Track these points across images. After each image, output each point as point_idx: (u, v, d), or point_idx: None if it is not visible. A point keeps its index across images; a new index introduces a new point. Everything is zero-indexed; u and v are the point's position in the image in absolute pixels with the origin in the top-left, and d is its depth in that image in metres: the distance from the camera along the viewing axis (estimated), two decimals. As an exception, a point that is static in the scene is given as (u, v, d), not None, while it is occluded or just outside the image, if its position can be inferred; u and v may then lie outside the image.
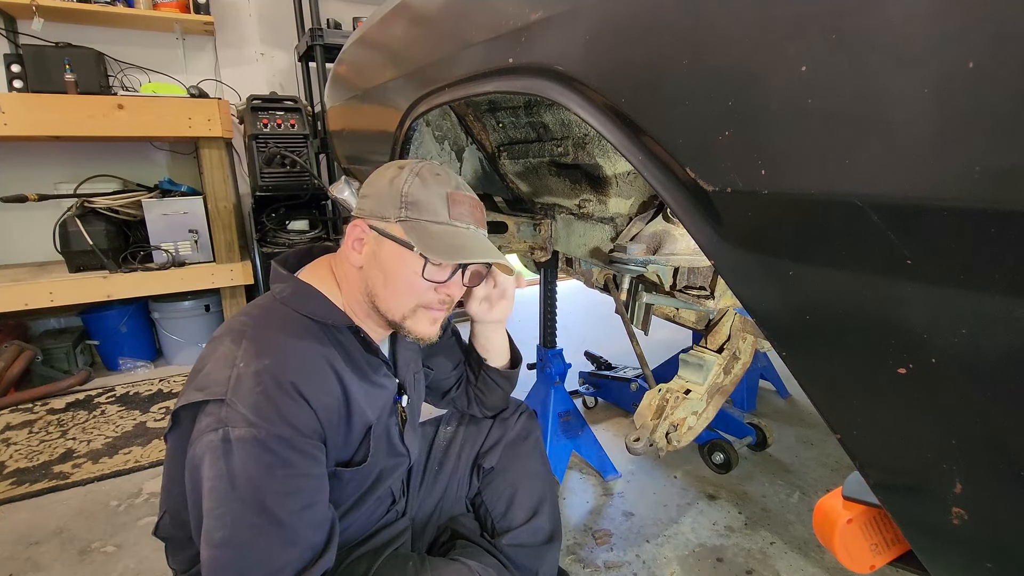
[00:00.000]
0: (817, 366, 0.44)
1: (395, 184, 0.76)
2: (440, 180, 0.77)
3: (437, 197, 0.76)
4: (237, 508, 0.62)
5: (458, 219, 0.76)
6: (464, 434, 1.09)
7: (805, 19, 0.36)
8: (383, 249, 0.76)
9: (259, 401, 0.65)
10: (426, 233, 0.74)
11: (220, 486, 0.63)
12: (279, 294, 0.78)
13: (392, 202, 0.75)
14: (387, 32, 1.07)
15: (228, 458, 0.63)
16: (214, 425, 0.64)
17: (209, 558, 0.62)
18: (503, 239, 1.35)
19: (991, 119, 0.29)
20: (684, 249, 0.80)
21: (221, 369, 0.68)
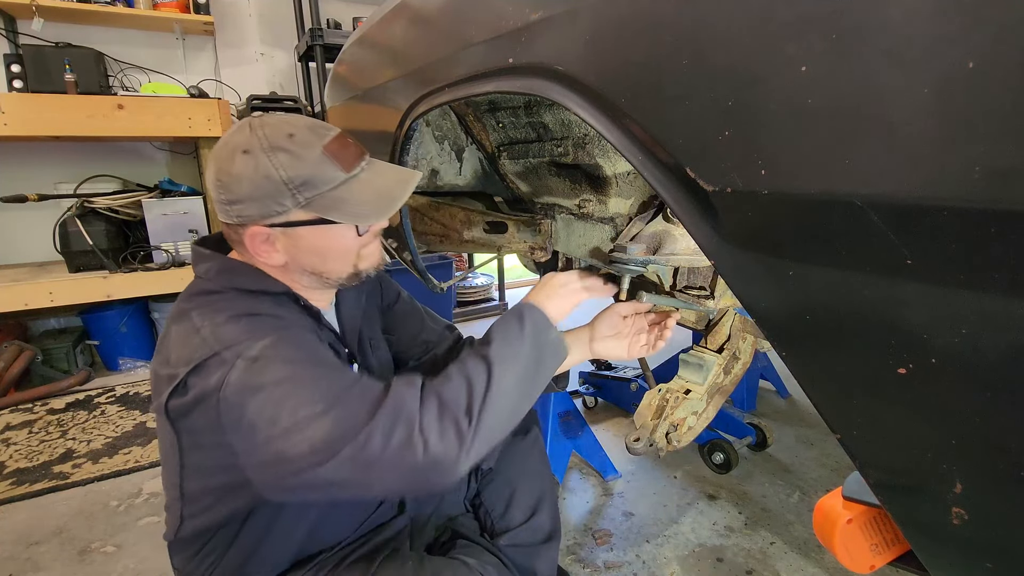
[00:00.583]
0: (817, 366, 0.44)
1: (265, 176, 0.67)
2: (299, 140, 0.69)
3: (320, 162, 0.69)
4: (308, 381, 0.63)
5: (352, 166, 0.71)
6: None
7: (805, 19, 0.36)
8: (299, 238, 0.71)
9: (251, 326, 0.66)
10: (339, 202, 0.69)
11: (279, 387, 0.62)
12: (206, 274, 0.73)
13: (280, 194, 0.67)
14: (387, 32, 1.07)
15: (269, 365, 0.62)
16: (227, 367, 0.62)
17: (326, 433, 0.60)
18: (504, 239, 1.35)
19: (991, 119, 0.29)
20: (684, 249, 0.80)
21: (187, 341, 0.66)
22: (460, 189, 1.41)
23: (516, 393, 0.70)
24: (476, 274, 3.62)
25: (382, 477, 0.62)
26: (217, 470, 0.69)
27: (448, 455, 0.62)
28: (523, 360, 0.71)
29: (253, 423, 0.61)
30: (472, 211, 1.35)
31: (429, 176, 1.37)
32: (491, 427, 0.66)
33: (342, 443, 0.60)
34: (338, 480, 0.61)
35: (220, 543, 0.76)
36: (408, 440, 0.61)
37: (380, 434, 0.61)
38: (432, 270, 1.59)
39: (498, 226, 1.34)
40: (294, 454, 0.60)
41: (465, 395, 0.66)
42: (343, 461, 0.60)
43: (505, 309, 3.57)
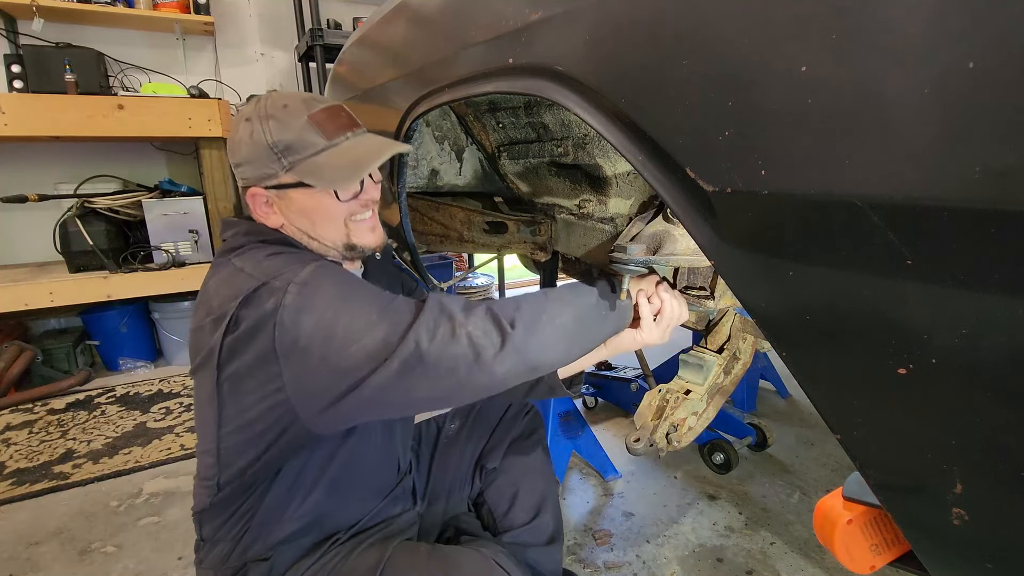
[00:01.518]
0: (817, 366, 0.44)
1: (257, 141, 0.74)
2: (291, 110, 0.75)
3: (304, 129, 0.74)
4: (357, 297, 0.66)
5: (335, 135, 0.76)
6: (468, 432, 1.09)
7: (805, 19, 0.36)
8: (290, 199, 0.77)
9: (291, 258, 0.71)
10: (317, 168, 0.74)
11: (332, 305, 0.65)
12: (234, 237, 0.78)
13: (267, 157, 0.74)
14: (387, 32, 1.07)
15: (320, 286, 0.66)
16: (279, 294, 0.65)
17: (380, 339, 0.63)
18: (504, 239, 1.35)
19: (991, 119, 0.29)
20: (684, 249, 0.80)
21: (231, 282, 0.69)
22: (460, 189, 1.42)
23: (568, 331, 0.70)
24: (476, 274, 3.62)
25: (427, 375, 0.63)
26: (257, 416, 0.70)
27: (488, 349, 0.64)
28: (585, 308, 0.72)
29: (308, 343, 0.64)
30: (472, 211, 1.35)
31: (429, 176, 1.37)
32: (535, 346, 0.67)
33: (394, 345, 0.63)
34: (388, 386, 0.63)
35: (249, 506, 0.78)
36: (451, 333, 0.64)
37: (425, 330, 0.63)
38: (432, 270, 1.59)
39: (498, 226, 1.34)
40: (350, 365, 0.63)
41: (513, 308, 0.68)
42: (393, 363, 0.62)
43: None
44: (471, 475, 1.06)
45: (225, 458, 0.75)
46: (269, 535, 0.78)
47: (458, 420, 1.11)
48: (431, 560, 0.76)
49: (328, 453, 0.80)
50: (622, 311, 0.76)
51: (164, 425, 2.08)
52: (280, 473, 0.77)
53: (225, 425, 0.73)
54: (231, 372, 0.69)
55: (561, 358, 0.71)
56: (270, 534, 0.78)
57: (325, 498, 0.81)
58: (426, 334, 0.63)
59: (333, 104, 0.79)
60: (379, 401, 0.65)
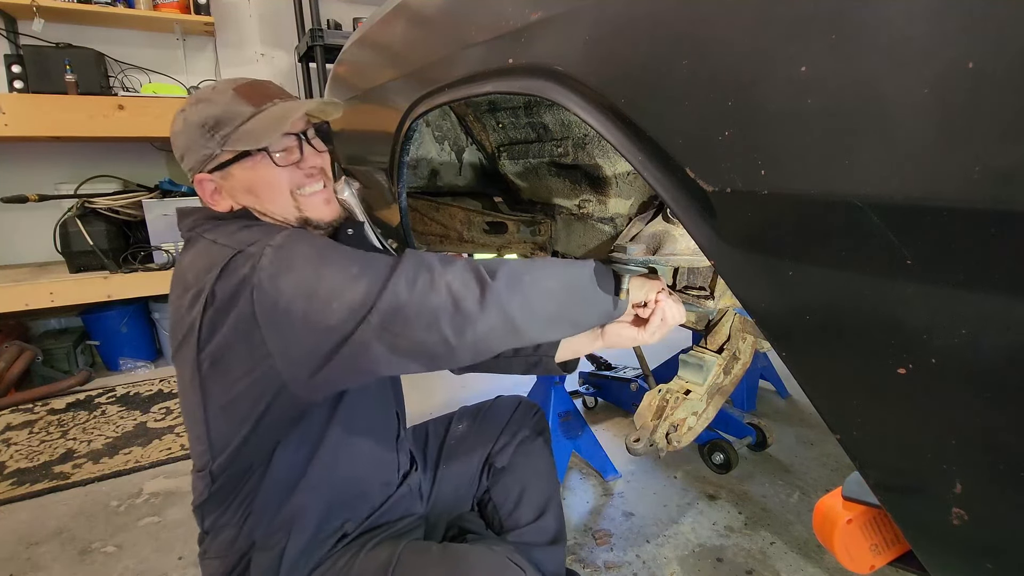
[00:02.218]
0: (817, 366, 0.44)
1: (190, 123, 0.76)
2: (219, 89, 0.77)
3: (230, 101, 0.75)
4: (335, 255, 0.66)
5: (261, 102, 0.76)
6: (476, 433, 1.09)
7: (805, 19, 0.36)
8: (233, 178, 0.77)
9: (263, 229, 0.71)
10: (246, 134, 0.74)
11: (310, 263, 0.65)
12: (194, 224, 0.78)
13: (202, 139, 0.75)
14: (387, 33, 1.07)
15: (296, 246, 0.66)
16: (255, 258, 0.65)
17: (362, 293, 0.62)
18: (504, 239, 1.35)
19: (991, 119, 0.29)
20: (684, 249, 0.80)
21: (205, 255, 0.70)
22: (460, 189, 1.42)
23: (556, 296, 0.68)
24: (476, 274, 3.61)
25: (407, 327, 0.62)
26: (243, 391, 0.69)
27: (468, 299, 0.63)
28: (575, 276, 0.70)
29: (289, 304, 0.63)
30: (472, 211, 1.35)
31: (429, 176, 1.37)
32: (517, 304, 0.64)
33: (373, 297, 0.62)
34: (371, 340, 0.62)
35: (248, 491, 0.77)
36: (431, 283, 0.63)
37: (404, 280, 0.63)
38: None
39: (498, 226, 1.34)
40: (333, 321, 0.62)
41: (497, 264, 0.67)
42: (374, 316, 0.62)
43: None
44: (479, 474, 1.06)
45: (216, 442, 0.74)
46: (274, 516, 0.78)
47: (466, 420, 1.11)
48: (443, 559, 0.76)
49: (321, 423, 0.80)
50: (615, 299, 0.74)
51: (164, 425, 2.08)
52: (275, 453, 0.77)
53: (211, 407, 0.72)
54: (212, 348, 0.68)
55: (545, 326, 0.68)
56: (275, 515, 0.78)
57: (325, 474, 0.80)
58: (405, 284, 0.63)
59: (259, 79, 0.81)
60: (365, 358, 0.64)
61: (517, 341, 0.68)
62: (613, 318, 0.75)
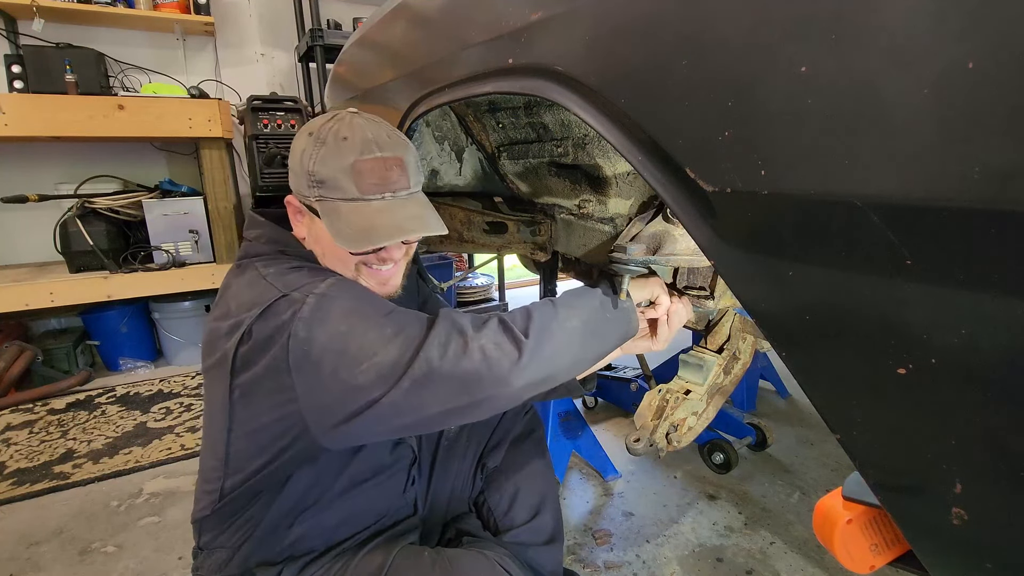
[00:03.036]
0: (817, 366, 0.44)
1: (303, 160, 0.73)
2: (346, 146, 0.72)
3: (342, 172, 0.71)
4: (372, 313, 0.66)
5: (369, 191, 0.72)
6: (468, 434, 1.09)
7: (805, 19, 0.36)
8: (314, 223, 0.77)
9: (313, 272, 0.71)
10: (337, 215, 0.72)
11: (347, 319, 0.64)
12: (257, 238, 0.80)
13: (304, 180, 0.73)
14: (387, 33, 1.07)
15: (337, 300, 0.66)
16: (297, 304, 0.65)
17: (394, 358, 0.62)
18: (503, 239, 1.35)
19: (991, 119, 0.29)
20: (684, 249, 0.80)
21: (252, 288, 0.70)
22: (460, 189, 1.42)
23: (579, 336, 0.69)
24: (476, 274, 3.62)
25: (438, 393, 0.62)
26: (267, 424, 0.70)
27: (503, 361, 0.63)
28: (591, 311, 0.72)
29: (321, 356, 0.63)
30: (472, 211, 1.35)
31: (429, 176, 1.37)
32: (549, 355, 0.66)
33: (405, 364, 0.62)
34: (400, 404, 0.62)
35: (251, 516, 0.77)
36: (464, 347, 0.63)
37: (436, 345, 0.63)
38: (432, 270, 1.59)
39: (498, 226, 1.34)
40: (362, 382, 0.62)
41: (524, 318, 0.68)
42: (404, 382, 0.61)
43: (505, 310, 3.57)
44: (472, 475, 1.06)
45: (233, 462, 0.74)
46: (272, 547, 0.78)
47: None
48: (435, 566, 0.76)
49: (337, 468, 0.80)
50: (626, 313, 0.75)
51: (164, 425, 2.08)
52: (287, 485, 0.77)
53: (235, 430, 0.72)
54: (244, 381, 0.68)
55: (574, 364, 0.70)
56: (273, 546, 0.78)
57: (332, 514, 0.81)
58: (437, 350, 0.62)
59: (388, 156, 0.74)
60: (392, 420, 0.63)
61: (548, 387, 0.69)
62: (629, 334, 0.76)
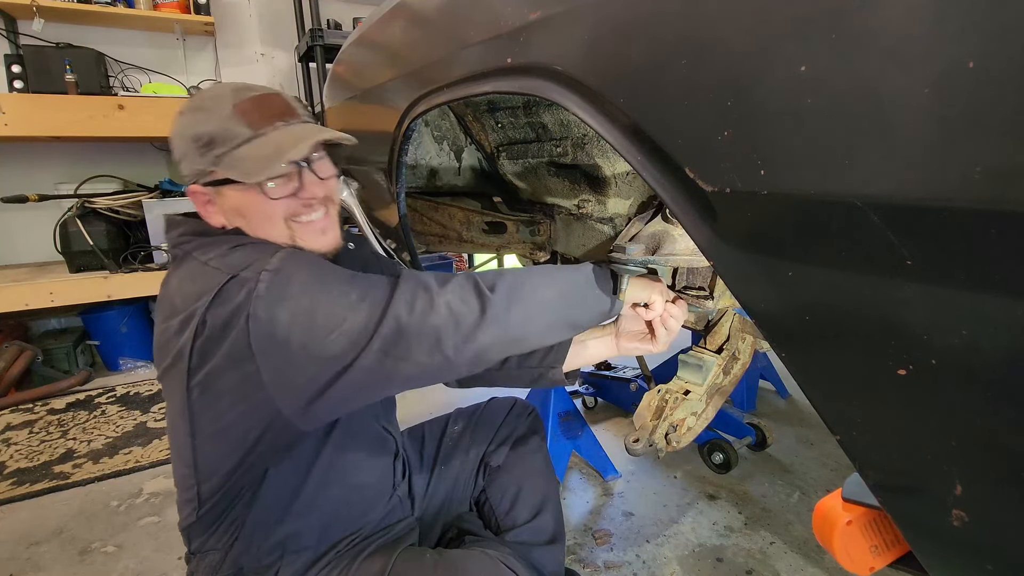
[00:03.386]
0: (817, 366, 0.44)
1: (183, 133, 0.69)
2: (219, 98, 0.70)
3: (227, 119, 0.68)
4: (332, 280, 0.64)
5: (260, 125, 0.69)
6: (472, 434, 1.09)
7: (805, 19, 0.36)
8: (225, 197, 0.71)
9: (257, 248, 0.66)
10: (238, 160, 0.68)
11: (307, 292, 0.62)
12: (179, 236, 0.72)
13: (195, 152, 0.69)
14: (386, 32, 1.07)
15: (294, 273, 0.63)
16: (251, 284, 0.61)
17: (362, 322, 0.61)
18: (503, 239, 1.35)
19: (991, 119, 0.28)
20: (683, 249, 0.80)
21: (195, 279, 0.65)
22: (459, 189, 1.41)
23: (553, 304, 0.68)
24: (476, 274, 3.62)
25: (409, 351, 0.61)
26: (233, 421, 0.67)
27: (468, 316, 0.62)
28: (571, 283, 0.70)
29: (287, 334, 0.61)
30: (471, 211, 1.35)
31: (428, 176, 1.37)
32: (517, 315, 0.65)
33: (374, 325, 0.61)
34: (374, 367, 0.61)
35: (236, 516, 0.76)
36: (430, 303, 0.62)
37: (403, 303, 0.62)
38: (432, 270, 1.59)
39: (497, 226, 1.34)
40: (334, 352, 0.61)
41: (494, 276, 0.66)
42: (375, 343, 0.60)
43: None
44: (475, 474, 1.06)
45: (204, 468, 0.72)
46: (263, 542, 0.77)
47: (461, 422, 1.11)
48: (438, 567, 0.75)
49: (314, 447, 0.79)
50: (612, 299, 0.74)
51: (164, 425, 2.08)
52: (266, 479, 0.75)
53: (199, 434, 0.70)
54: (203, 376, 0.65)
55: (544, 332, 0.68)
56: (264, 541, 0.77)
57: (320, 497, 0.80)
58: (404, 308, 0.61)
59: (266, 92, 0.72)
60: (367, 383, 0.63)
61: (517, 350, 0.68)
62: (610, 317, 0.75)
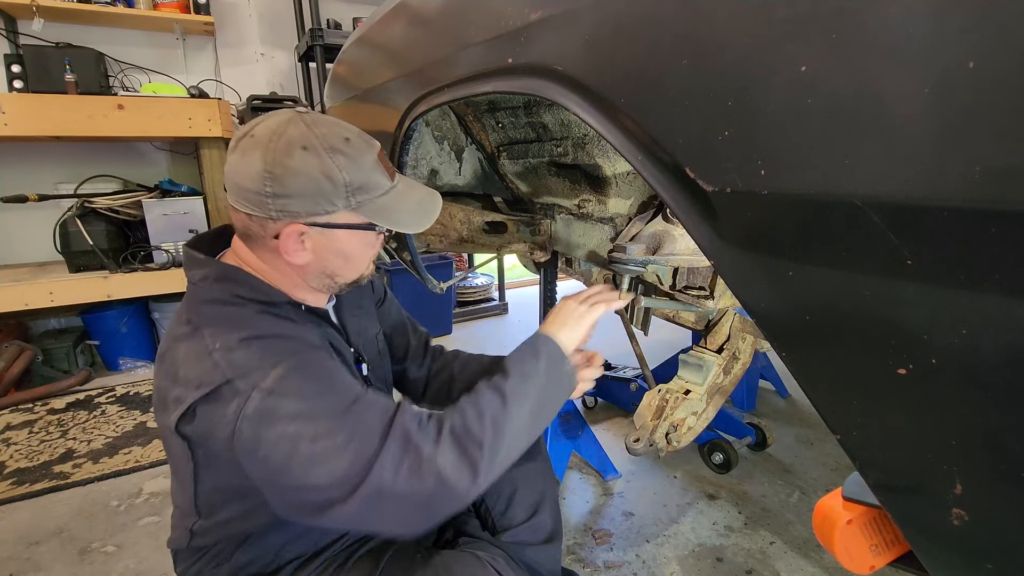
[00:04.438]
0: (817, 366, 0.44)
1: (329, 175, 0.68)
2: (359, 146, 0.71)
3: (372, 169, 0.71)
4: (322, 414, 0.62)
5: (392, 177, 0.74)
6: None
7: (805, 19, 0.36)
8: (337, 239, 0.72)
9: (262, 353, 0.64)
10: (384, 209, 0.72)
11: (294, 422, 0.61)
12: (202, 280, 0.72)
13: (334, 195, 0.68)
14: (386, 32, 1.07)
15: (284, 399, 0.62)
16: (243, 398, 0.61)
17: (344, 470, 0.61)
18: (503, 239, 1.35)
19: (991, 119, 0.28)
20: (684, 249, 0.80)
21: (199, 362, 0.64)
22: (460, 189, 1.42)
23: (529, 426, 0.72)
24: (476, 274, 3.62)
25: (390, 510, 0.62)
26: (236, 483, 0.69)
27: (460, 485, 0.63)
28: (537, 394, 0.74)
29: (267, 456, 0.61)
30: (471, 211, 1.35)
31: (428, 176, 1.37)
32: (502, 459, 0.68)
33: (355, 482, 0.61)
34: (348, 518, 0.62)
35: (229, 545, 0.76)
36: (417, 469, 0.62)
37: (389, 463, 0.62)
38: (432, 270, 1.59)
39: (498, 226, 1.34)
40: (309, 497, 0.62)
41: (478, 427, 0.67)
42: (355, 500, 0.61)
43: (505, 310, 3.58)
44: None
45: (204, 508, 0.73)
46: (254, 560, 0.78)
47: None
48: (426, 568, 0.76)
49: None
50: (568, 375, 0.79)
51: (164, 425, 2.08)
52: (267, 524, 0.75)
53: (202, 482, 0.71)
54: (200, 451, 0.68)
55: (524, 449, 0.73)
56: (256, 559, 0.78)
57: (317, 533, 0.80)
58: (390, 470, 0.61)
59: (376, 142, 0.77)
60: (340, 522, 0.63)
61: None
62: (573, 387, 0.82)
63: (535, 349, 0.78)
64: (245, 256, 0.75)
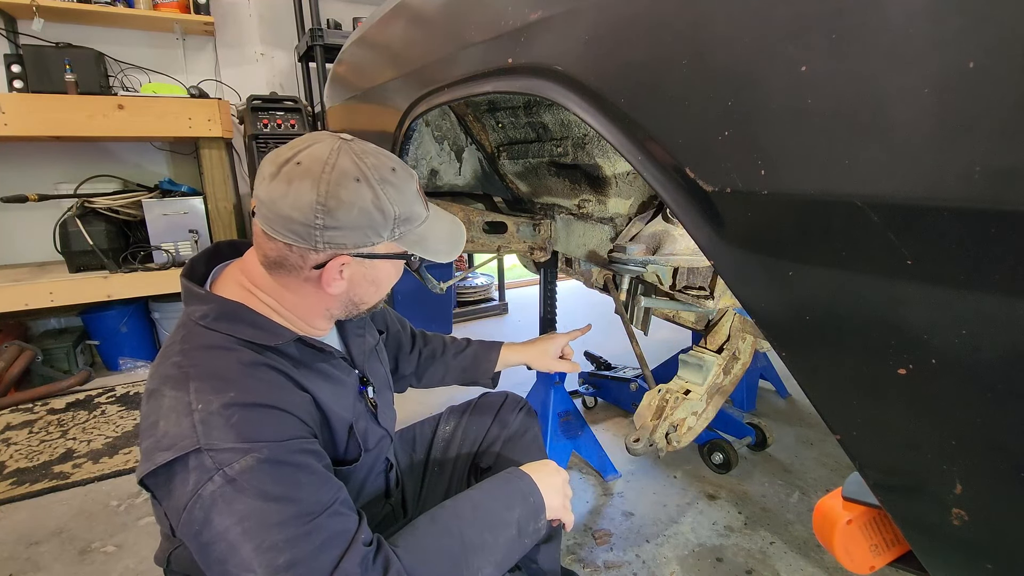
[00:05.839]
0: (817, 366, 0.44)
1: (382, 208, 0.67)
2: (404, 176, 0.70)
3: (414, 200, 0.71)
4: (284, 529, 0.58)
5: (426, 206, 0.75)
6: (463, 433, 1.09)
7: (805, 19, 0.36)
8: (375, 269, 0.72)
9: (241, 428, 0.60)
10: (423, 239, 0.73)
11: (253, 523, 0.57)
12: (202, 319, 0.69)
13: (382, 227, 0.68)
14: (386, 32, 1.07)
15: (242, 495, 0.58)
16: (204, 476, 0.58)
17: None
18: (503, 239, 1.35)
19: (991, 119, 0.28)
20: (684, 249, 0.80)
21: (179, 420, 0.61)
22: (459, 189, 1.42)
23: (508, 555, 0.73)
24: (476, 274, 3.62)
25: None
26: None
27: None
28: (505, 547, 0.73)
29: (209, 544, 0.58)
30: (471, 211, 1.35)
31: (428, 176, 1.37)
32: None
33: None
34: None
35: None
36: None
37: None
38: (432, 270, 1.59)
39: (498, 226, 1.34)
40: None
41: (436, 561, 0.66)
42: None
43: (505, 310, 3.57)
44: (467, 476, 1.06)
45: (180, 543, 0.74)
46: None
47: (452, 421, 1.11)
48: None
49: None
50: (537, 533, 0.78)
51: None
52: None
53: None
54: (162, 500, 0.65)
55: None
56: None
57: None
58: None
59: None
60: None
61: None
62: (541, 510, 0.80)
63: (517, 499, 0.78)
64: (261, 283, 0.71)
